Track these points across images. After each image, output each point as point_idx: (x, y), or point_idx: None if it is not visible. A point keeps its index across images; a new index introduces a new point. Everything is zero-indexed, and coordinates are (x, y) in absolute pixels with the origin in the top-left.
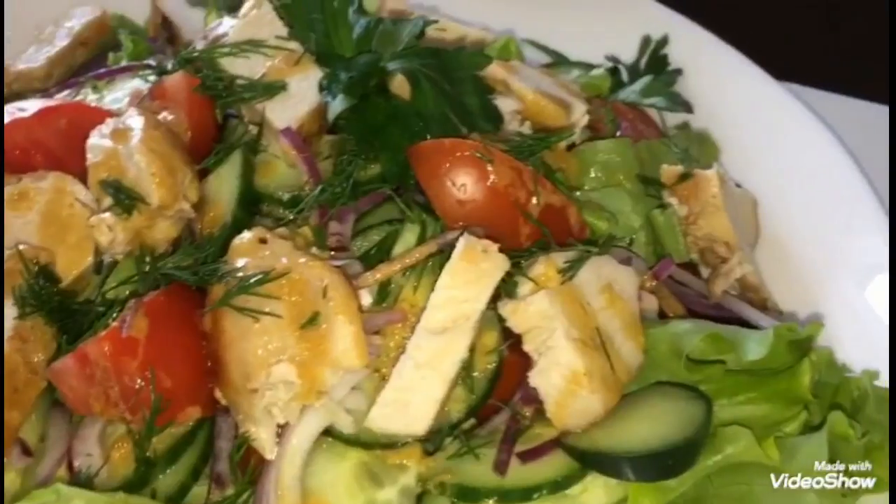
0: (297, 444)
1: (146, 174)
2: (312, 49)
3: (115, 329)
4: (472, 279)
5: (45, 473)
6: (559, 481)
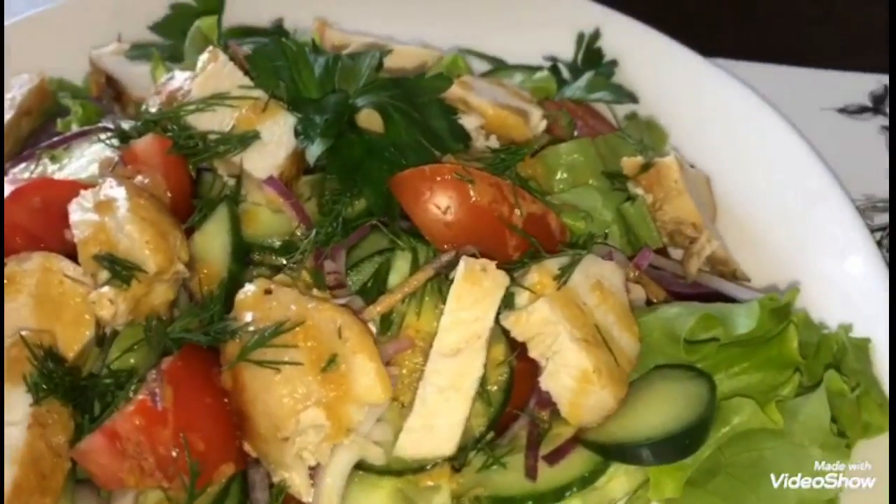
0: (331, 482)
1: (140, 243)
2: (283, 96)
3: (144, 401)
4: (477, 299)
5: None
6: (587, 477)
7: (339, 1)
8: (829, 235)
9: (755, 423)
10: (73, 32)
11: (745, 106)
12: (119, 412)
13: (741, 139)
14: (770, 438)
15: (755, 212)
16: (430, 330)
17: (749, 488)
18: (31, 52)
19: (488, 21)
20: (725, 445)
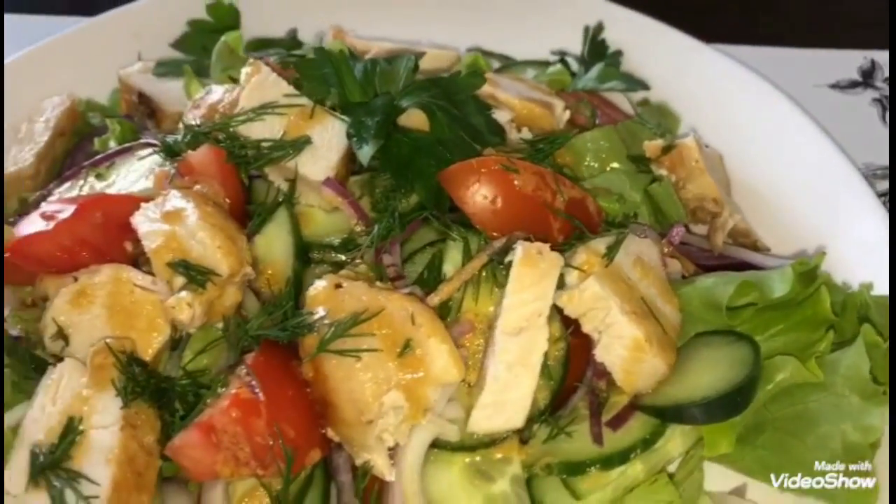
0: (412, 460)
1: (212, 249)
2: (335, 102)
3: (238, 394)
4: (535, 280)
5: None
6: (648, 438)
7: (348, 7)
8: (840, 202)
9: (798, 379)
10: (95, 53)
11: (747, 85)
12: (214, 407)
13: (746, 117)
14: (812, 391)
15: (765, 185)
16: (487, 313)
17: (796, 439)
18: (55, 75)
19: (493, 21)
20: (770, 402)
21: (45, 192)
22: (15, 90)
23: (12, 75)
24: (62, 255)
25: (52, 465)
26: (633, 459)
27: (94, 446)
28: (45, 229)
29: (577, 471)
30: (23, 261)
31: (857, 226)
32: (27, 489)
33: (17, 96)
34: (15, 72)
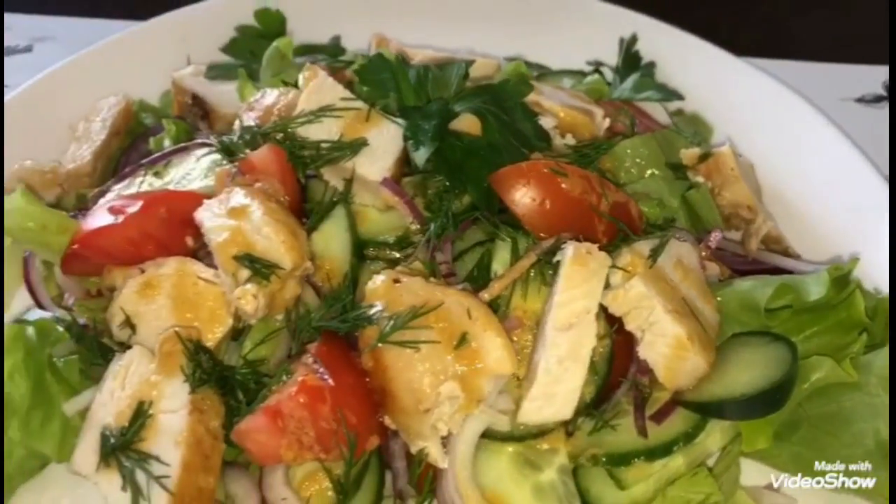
0: (464, 449)
1: (277, 243)
2: (393, 106)
3: (306, 381)
4: (584, 278)
5: None
6: (689, 432)
7: (391, 16)
8: (868, 211)
9: (833, 379)
10: (146, 56)
11: (778, 97)
12: (281, 393)
13: (776, 128)
14: (846, 391)
15: (794, 194)
16: (535, 310)
17: (831, 436)
18: (108, 77)
19: (529, 31)
20: (805, 400)
21: (104, 189)
22: (71, 90)
23: (68, 76)
24: (129, 247)
25: (123, 447)
26: (675, 452)
27: (164, 429)
28: (115, 222)
29: (623, 462)
30: (91, 252)
31: (884, 234)
32: (98, 469)
33: (74, 96)
34: (71, 72)
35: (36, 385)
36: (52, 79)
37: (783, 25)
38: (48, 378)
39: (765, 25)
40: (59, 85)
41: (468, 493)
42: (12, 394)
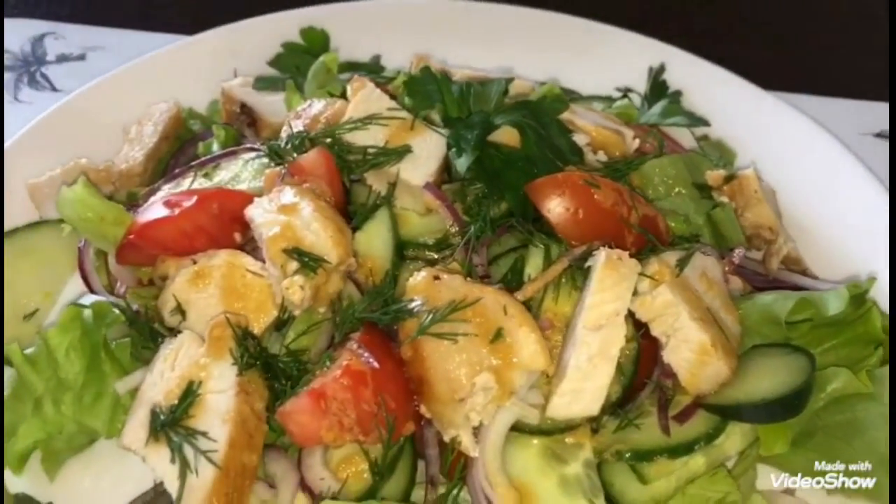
0: (494, 439)
1: (324, 238)
2: (436, 118)
3: (349, 366)
4: (615, 282)
5: (287, 501)
6: (710, 433)
7: (428, 39)
8: (882, 236)
9: (849, 389)
10: (195, 67)
11: (801, 129)
12: (325, 376)
13: (796, 156)
14: (862, 401)
15: (812, 219)
16: (565, 313)
17: (845, 443)
18: (159, 85)
19: (563, 57)
20: (822, 410)
21: (154, 188)
22: (123, 96)
23: (121, 82)
24: (182, 239)
25: (172, 423)
26: (696, 452)
27: (211, 408)
28: (170, 215)
29: (646, 458)
30: (146, 243)
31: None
32: (147, 444)
33: (125, 102)
34: (124, 80)
35: (90, 364)
36: (105, 85)
37: (806, 65)
38: (102, 357)
39: (790, 64)
40: (113, 91)
41: (497, 481)
42: (67, 371)
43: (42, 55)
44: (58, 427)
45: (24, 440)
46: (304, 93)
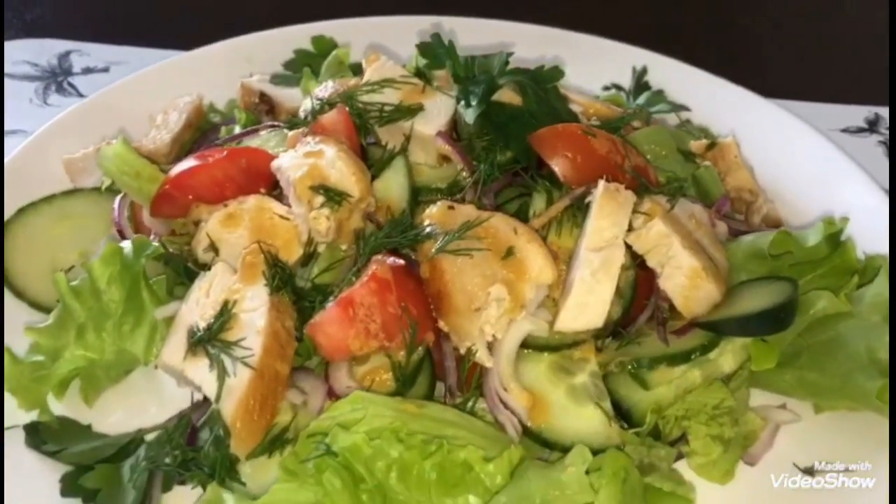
0: (508, 350)
1: (347, 175)
2: (450, 74)
3: (375, 273)
4: (613, 210)
5: (317, 407)
6: (706, 345)
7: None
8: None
9: (830, 310)
10: (214, 70)
11: (764, 112)
12: (353, 287)
13: (777, 147)
14: (842, 320)
15: (795, 197)
16: (568, 246)
17: (829, 357)
18: (180, 85)
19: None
20: (806, 331)
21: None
22: (150, 92)
23: (147, 81)
24: (213, 187)
25: (209, 338)
26: (692, 364)
27: (245, 324)
28: (204, 163)
29: (647, 365)
30: (180, 191)
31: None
32: (185, 359)
33: (151, 96)
34: (148, 79)
35: (130, 293)
36: (132, 82)
37: (774, 73)
38: (141, 287)
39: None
40: (139, 87)
41: (511, 385)
42: (108, 300)
43: (68, 68)
44: (98, 353)
45: (67, 366)
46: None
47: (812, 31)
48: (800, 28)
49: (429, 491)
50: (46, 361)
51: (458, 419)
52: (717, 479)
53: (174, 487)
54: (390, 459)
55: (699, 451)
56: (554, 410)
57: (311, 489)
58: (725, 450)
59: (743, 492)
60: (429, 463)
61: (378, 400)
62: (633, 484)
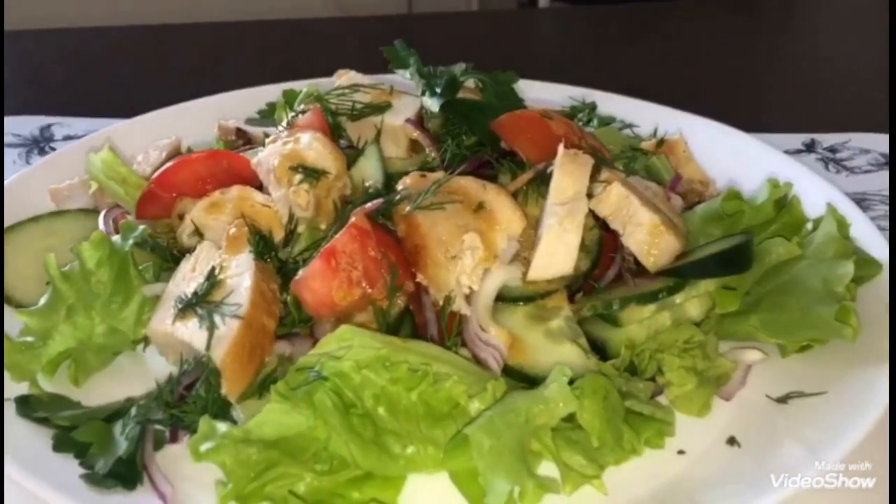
0: (485, 297)
1: (324, 153)
2: (415, 71)
3: (355, 223)
4: (574, 169)
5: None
6: (672, 286)
7: None
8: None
9: (785, 255)
10: (189, 123)
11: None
12: (334, 239)
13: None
14: (796, 263)
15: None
16: (534, 214)
17: (787, 296)
18: (165, 131)
19: None
20: (763, 278)
21: None
22: (129, 141)
23: (126, 131)
24: (196, 182)
25: (197, 301)
26: (661, 306)
27: (232, 286)
28: (187, 160)
29: (620, 305)
30: (164, 189)
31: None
32: (174, 322)
33: (130, 146)
34: (127, 130)
35: (118, 274)
36: (112, 132)
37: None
38: (129, 267)
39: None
40: (119, 137)
41: (488, 328)
42: (96, 283)
43: (50, 136)
44: (88, 332)
45: (57, 346)
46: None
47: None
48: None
49: (417, 423)
50: (37, 342)
51: (441, 354)
52: (694, 412)
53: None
54: (377, 389)
55: (674, 381)
56: (532, 350)
57: (303, 412)
58: (699, 382)
59: (720, 424)
60: (415, 394)
61: (365, 333)
62: (613, 402)
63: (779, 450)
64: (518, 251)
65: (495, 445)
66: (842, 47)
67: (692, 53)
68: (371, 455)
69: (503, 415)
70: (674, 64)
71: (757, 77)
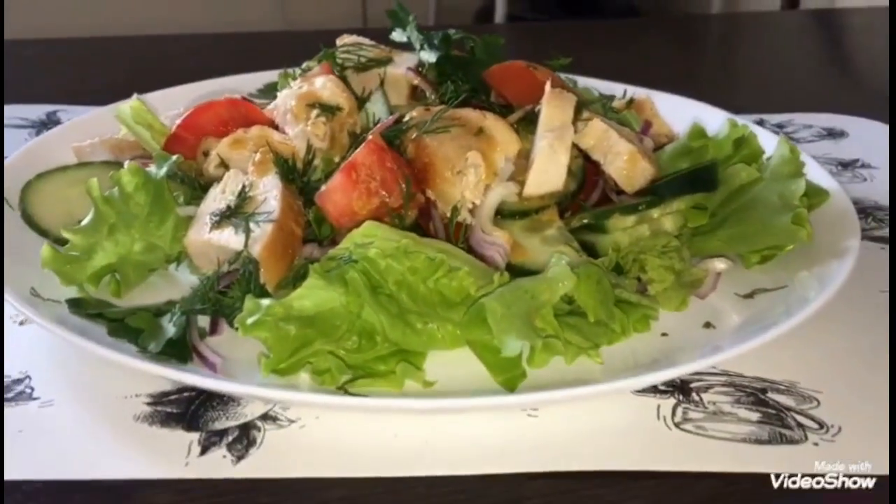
0: (487, 209)
1: (337, 92)
2: (414, 29)
3: (373, 140)
4: (560, 102)
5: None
6: (650, 201)
7: None
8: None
9: (746, 179)
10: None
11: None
12: (354, 156)
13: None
14: (755, 184)
15: None
16: (526, 148)
17: (750, 211)
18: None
19: None
20: (727, 200)
21: None
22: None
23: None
24: (219, 125)
25: (231, 214)
26: (641, 219)
27: (261, 201)
28: (210, 103)
29: (605, 216)
30: (190, 131)
31: None
32: (210, 232)
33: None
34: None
35: (154, 198)
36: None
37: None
38: (164, 192)
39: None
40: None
41: (491, 231)
42: (134, 205)
43: (56, 120)
44: (128, 248)
45: (101, 260)
46: None
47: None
48: None
49: (434, 308)
50: (82, 256)
51: (452, 249)
52: (673, 308)
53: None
54: (399, 276)
55: (655, 278)
56: (531, 252)
57: (337, 289)
58: (677, 280)
59: (697, 315)
60: (431, 281)
61: (388, 228)
62: (605, 287)
63: (748, 326)
64: (513, 175)
65: (507, 313)
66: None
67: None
68: (397, 328)
69: (512, 290)
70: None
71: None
